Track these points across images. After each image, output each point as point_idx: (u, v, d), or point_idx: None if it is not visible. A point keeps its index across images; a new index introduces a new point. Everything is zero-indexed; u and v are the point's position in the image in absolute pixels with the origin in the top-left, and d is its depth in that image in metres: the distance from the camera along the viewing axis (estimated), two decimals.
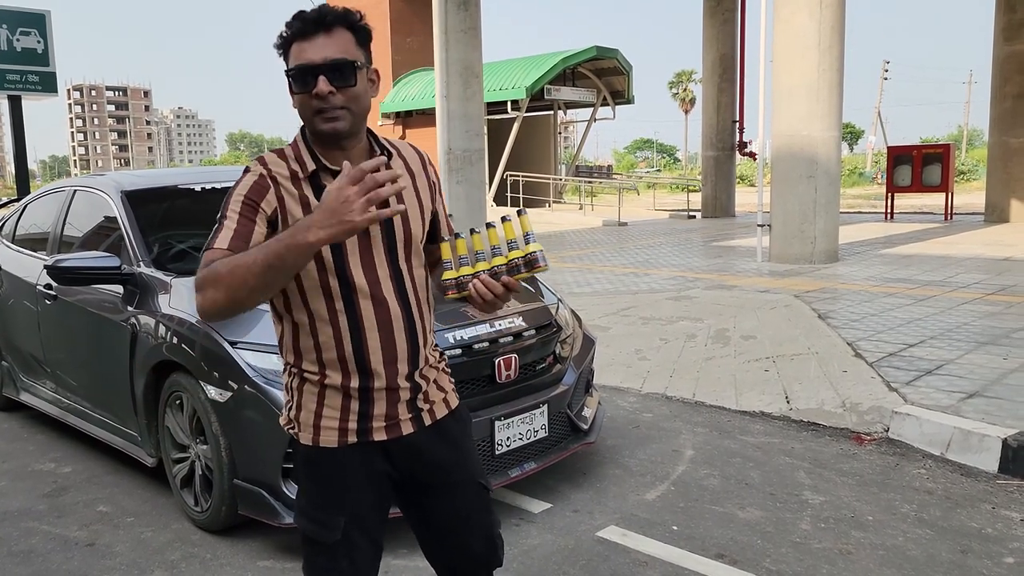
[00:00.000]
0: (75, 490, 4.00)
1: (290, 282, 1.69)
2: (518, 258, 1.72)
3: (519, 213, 1.75)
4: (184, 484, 3.58)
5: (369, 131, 1.81)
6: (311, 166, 1.72)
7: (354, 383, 1.77)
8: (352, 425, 1.79)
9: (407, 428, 1.83)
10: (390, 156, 1.81)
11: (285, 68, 1.70)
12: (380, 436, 1.80)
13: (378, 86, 1.77)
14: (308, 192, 1.71)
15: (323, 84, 1.65)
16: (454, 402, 1.94)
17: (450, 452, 1.91)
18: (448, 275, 1.76)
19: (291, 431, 1.85)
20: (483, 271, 1.73)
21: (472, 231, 1.76)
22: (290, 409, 1.84)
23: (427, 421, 1.86)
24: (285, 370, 1.86)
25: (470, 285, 1.73)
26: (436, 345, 1.95)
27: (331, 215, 1.47)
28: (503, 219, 1.77)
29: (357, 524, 1.81)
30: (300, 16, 1.69)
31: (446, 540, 1.95)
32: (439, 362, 1.94)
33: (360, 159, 1.73)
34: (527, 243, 1.72)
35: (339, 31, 1.68)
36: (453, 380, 1.99)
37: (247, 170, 1.74)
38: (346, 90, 1.67)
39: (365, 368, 1.76)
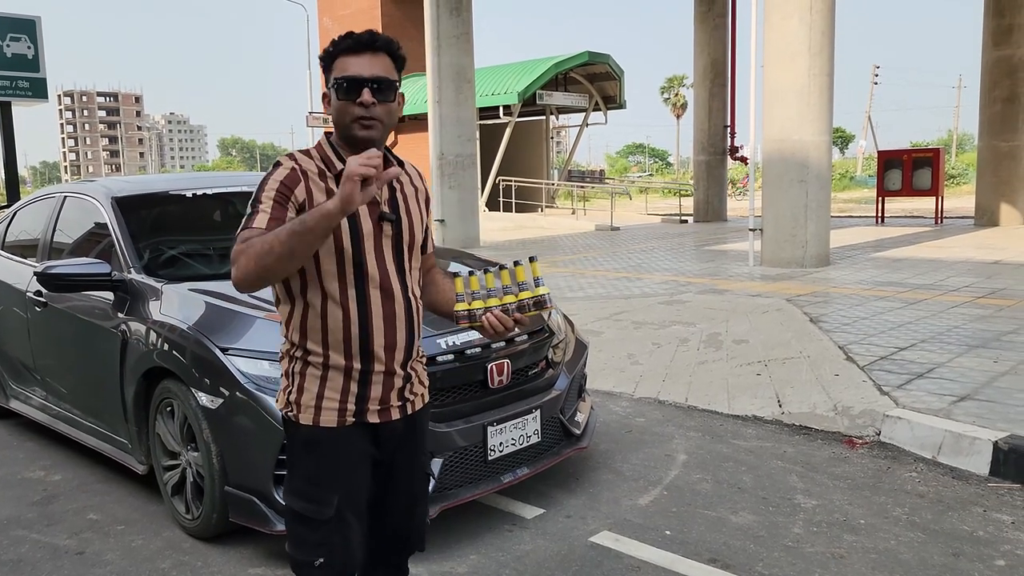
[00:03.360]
0: (65, 498, 3.97)
1: (309, 260, 1.86)
2: (529, 299, 1.96)
3: (531, 260, 1.98)
4: (175, 491, 3.56)
5: (384, 145, 2.04)
6: (339, 165, 1.92)
7: (356, 365, 1.94)
8: (351, 407, 1.96)
9: (395, 414, 2.03)
10: (401, 166, 2.03)
11: (332, 77, 1.90)
12: (374, 419, 1.99)
13: (402, 107, 1.99)
14: (334, 187, 1.90)
15: (368, 95, 1.87)
16: (427, 398, 2.16)
17: (417, 442, 2.14)
18: (460, 306, 2.00)
19: (289, 414, 2.00)
20: (495, 307, 1.96)
21: (485, 270, 1.99)
22: (289, 393, 1.99)
23: (409, 411, 2.07)
24: (285, 356, 2.01)
25: (483, 317, 1.97)
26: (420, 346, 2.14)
27: (344, 179, 1.64)
28: (515, 263, 1.98)
29: (348, 503, 1.99)
30: (352, 36, 1.91)
31: (390, 518, 2.15)
32: (422, 358, 2.15)
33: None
34: (537, 286, 1.96)
35: (383, 54, 1.92)
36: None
37: (278, 164, 1.94)
38: (385, 104, 1.91)
39: (367, 351, 1.93)
